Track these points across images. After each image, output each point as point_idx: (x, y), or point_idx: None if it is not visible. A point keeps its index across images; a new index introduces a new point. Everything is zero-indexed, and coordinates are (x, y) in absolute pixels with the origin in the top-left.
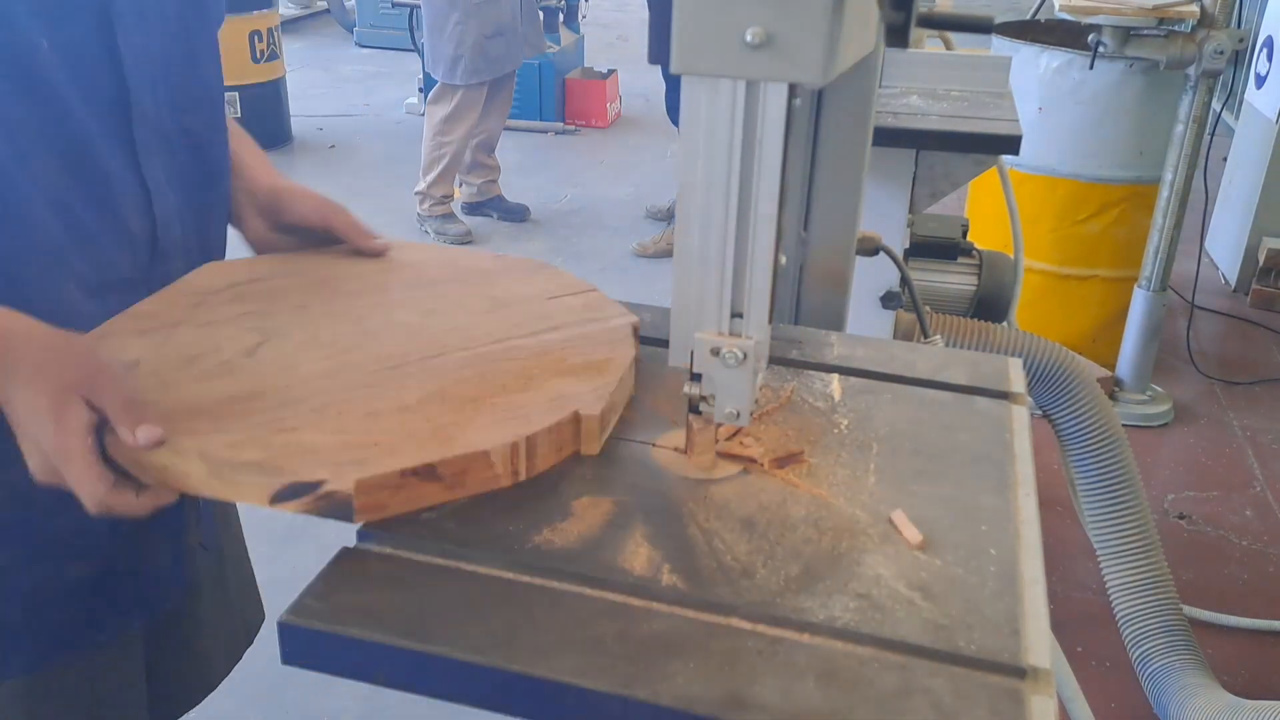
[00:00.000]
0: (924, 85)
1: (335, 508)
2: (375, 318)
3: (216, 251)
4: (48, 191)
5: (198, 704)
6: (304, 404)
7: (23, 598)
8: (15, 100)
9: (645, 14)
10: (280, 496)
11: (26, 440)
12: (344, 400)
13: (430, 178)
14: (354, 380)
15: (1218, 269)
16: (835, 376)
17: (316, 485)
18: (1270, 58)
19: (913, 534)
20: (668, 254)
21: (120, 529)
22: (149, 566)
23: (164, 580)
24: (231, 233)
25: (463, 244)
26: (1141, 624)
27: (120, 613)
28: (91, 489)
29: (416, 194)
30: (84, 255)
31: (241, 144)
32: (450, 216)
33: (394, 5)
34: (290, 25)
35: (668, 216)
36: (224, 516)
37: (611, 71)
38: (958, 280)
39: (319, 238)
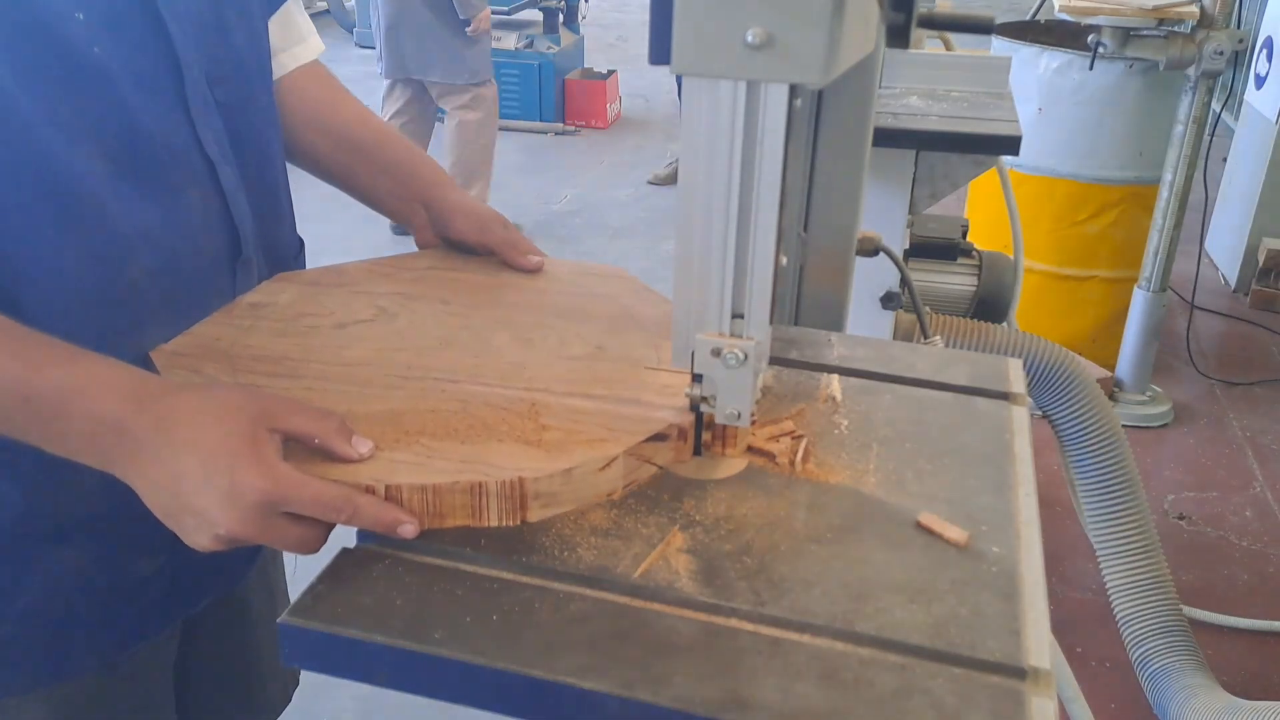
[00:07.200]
0: (924, 86)
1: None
2: (476, 332)
3: (287, 232)
4: (105, 181)
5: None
6: (300, 382)
7: (97, 594)
8: (58, 86)
9: (645, 14)
10: None
11: (189, 514)
12: (339, 393)
13: (477, 190)
14: (368, 376)
15: (1218, 269)
16: (835, 377)
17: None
18: (1270, 58)
19: (955, 532)
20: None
21: None
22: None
23: (230, 560)
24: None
25: None
26: (1141, 624)
27: (185, 602)
28: (342, 505)
29: None
30: (150, 245)
31: (405, 149)
32: None
33: None
34: None
35: (673, 180)
36: None
37: (611, 72)
38: (958, 280)
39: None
